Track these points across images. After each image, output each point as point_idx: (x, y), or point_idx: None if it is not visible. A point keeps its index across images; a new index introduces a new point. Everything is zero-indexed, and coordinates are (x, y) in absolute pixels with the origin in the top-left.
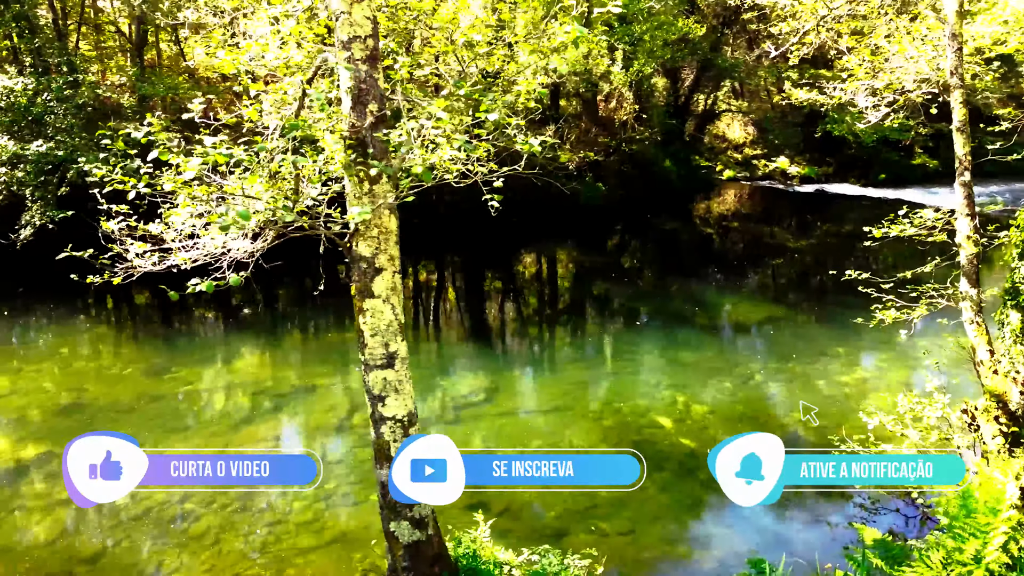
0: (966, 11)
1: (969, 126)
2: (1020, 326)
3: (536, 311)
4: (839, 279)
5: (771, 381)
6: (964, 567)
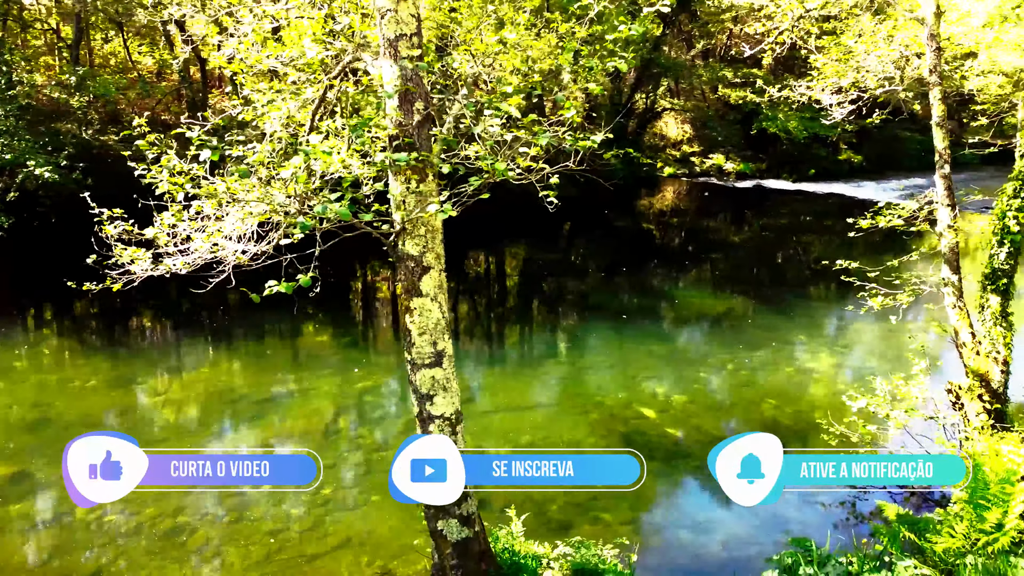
0: (941, 12)
1: (947, 121)
2: (999, 309)
3: (500, 310)
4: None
5: (743, 369)
6: (988, 535)
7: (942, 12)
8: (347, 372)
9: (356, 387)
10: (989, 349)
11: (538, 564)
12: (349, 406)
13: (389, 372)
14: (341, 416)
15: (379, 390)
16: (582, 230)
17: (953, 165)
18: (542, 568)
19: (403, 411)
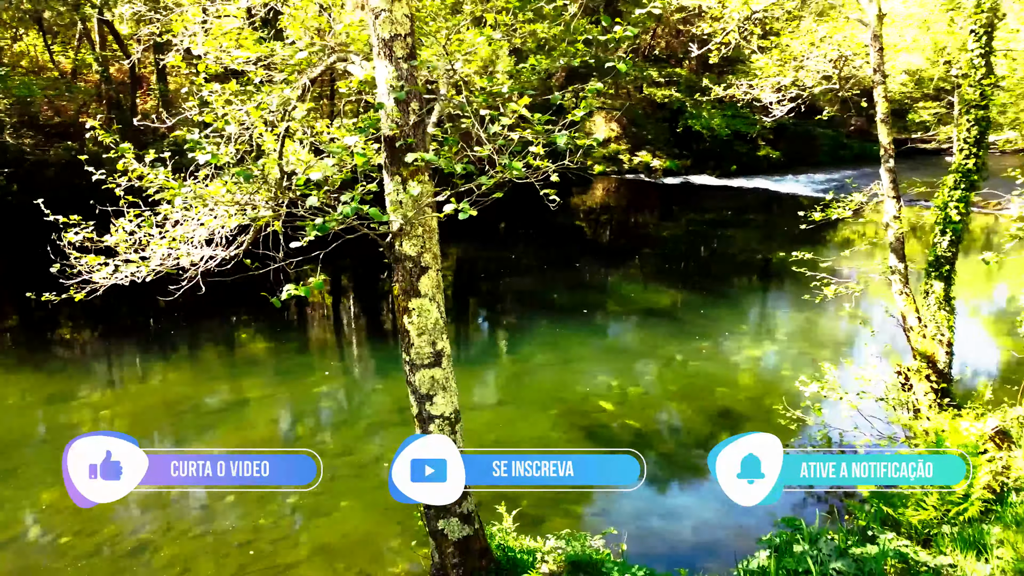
0: (883, 15)
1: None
2: (943, 294)
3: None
4: (722, 261)
5: (692, 360)
6: (958, 505)
7: (884, 15)
8: (301, 378)
9: (313, 392)
10: (934, 332)
11: (533, 558)
12: (307, 412)
13: (344, 376)
14: (299, 422)
15: (336, 395)
16: (517, 229)
17: (862, 160)
18: (537, 562)
19: (363, 415)
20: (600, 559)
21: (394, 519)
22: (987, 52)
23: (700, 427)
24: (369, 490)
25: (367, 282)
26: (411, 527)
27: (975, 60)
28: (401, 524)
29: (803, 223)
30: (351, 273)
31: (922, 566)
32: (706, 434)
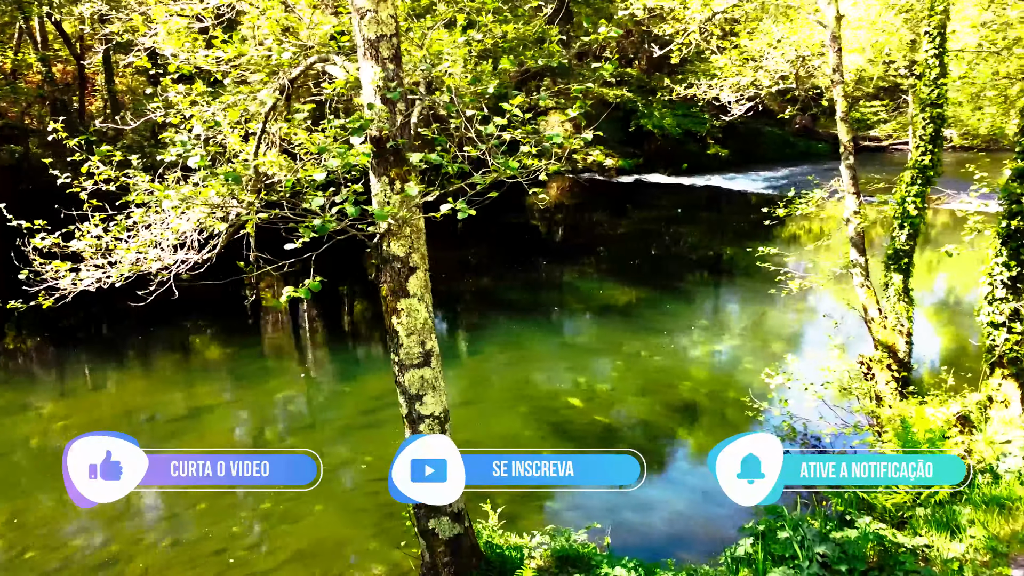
0: (841, 16)
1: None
2: (902, 286)
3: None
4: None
5: (655, 355)
6: (928, 488)
7: (842, 16)
8: (262, 383)
9: (276, 397)
10: (894, 323)
11: (520, 555)
12: (272, 417)
13: (308, 380)
14: (265, 428)
15: (300, 399)
16: (475, 229)
17: (807, 158)
18: (525, 559)
19: (330, 418)
20: (587, 553)
21: (370, 522)
22: (941, 52)
23: (668, 421)
24: (342, 493)
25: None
26: (387, 529)
27: (930, 60)
28: (377, 526)
29: (767, 219)
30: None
31: (900, 548)
32: (674, 428)
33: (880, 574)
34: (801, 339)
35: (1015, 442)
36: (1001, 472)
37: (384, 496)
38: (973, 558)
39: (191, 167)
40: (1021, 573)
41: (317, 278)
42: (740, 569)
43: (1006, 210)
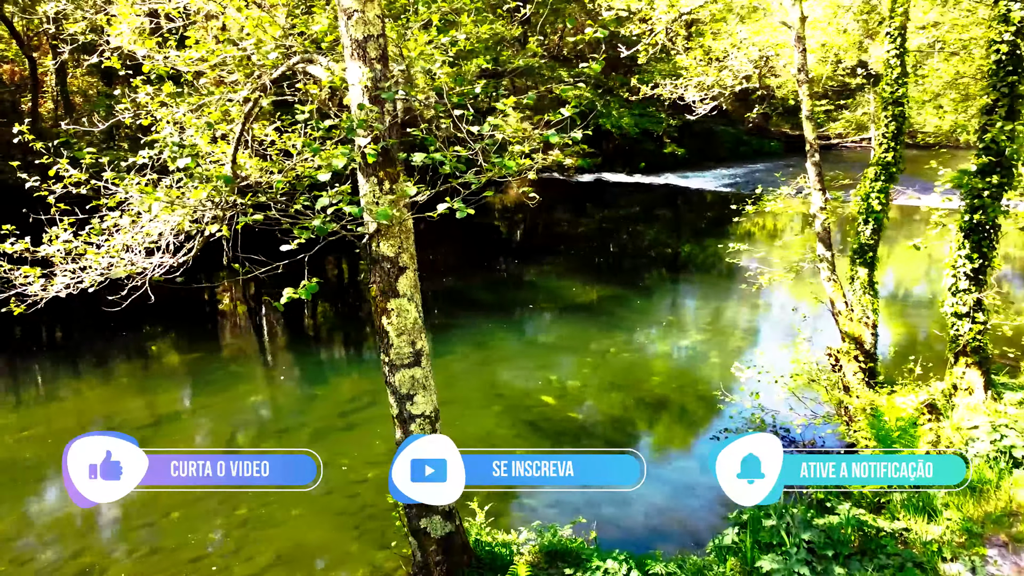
0: (805, 17)
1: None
2: (867, 279)
3: (365, 314)
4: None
5: (624, 352)
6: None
7: (806, 18)
8: (232, 387)
9: (248, 401)
10: (860, 315)
11: (509, 551)
12: (245, 422)
13: (279, 384)
14: (239, 433)
15: (273, 403)
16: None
17: (760, 156)
18: (515, 555)
19: (305, 422)
20: (575, 548)
21: (350, 524)
22: (901, 53)
23: (641, 416)
24: (321, 496)
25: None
26: (368, 531)
27: (891, 60)
28: (358, 529)
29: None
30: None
31: (880, 532)
32: (647, 423)
33: (863, 558)
34: (765, 333)
35: (981, 427)
36: (970, 457)
37: (363, 498)
38: (950, 540)
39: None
40: (996, 552)
41: (313, 279)
42: (728, 558)
43: (968, 204)
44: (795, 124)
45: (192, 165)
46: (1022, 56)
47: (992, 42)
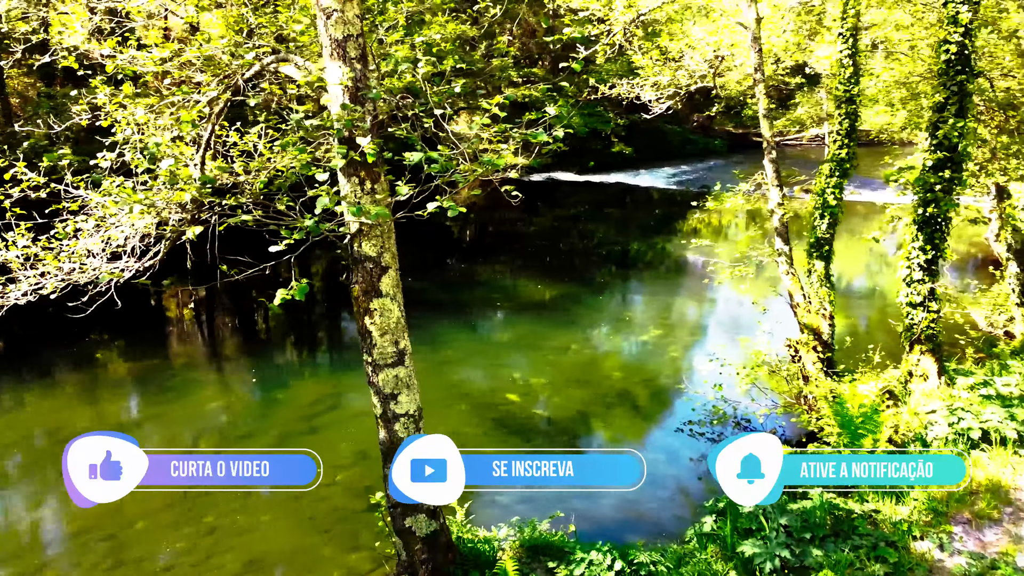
0: (761, 19)
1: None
2: (823, 272)
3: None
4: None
5: (584, 348)
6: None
7: (761, 18)
8: (191, 394)
9: (208, 407)
10: (818, 307)
11: (491, 548)
12: (208, 428)
13: (239, 389)
14: (201, 439)
15: (234, 408)
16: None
17: (706, 154)
18: (497, 551)
19: (269, 426)
20: (556, 542)
21: (320, 528)
22: (853, 53)
23: (606, 411)
24: (289, 501)
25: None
26: (340, 534)
27: (844, 60)
28: (329, 532)
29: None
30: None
31: (852, 514)
32: (614, 417)
33: (838, 539)
34: (722, 327)
35: (939, 412)
36: (929, 439)
37: (332, 501)
38: (917, 519)
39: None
40: (960, 529)
41: (304, 280)
42: (708, 545)
43: (921, 199)
44: (738, 123)
45: (174, 167)
46: (969, 56)
47: (942, 42)
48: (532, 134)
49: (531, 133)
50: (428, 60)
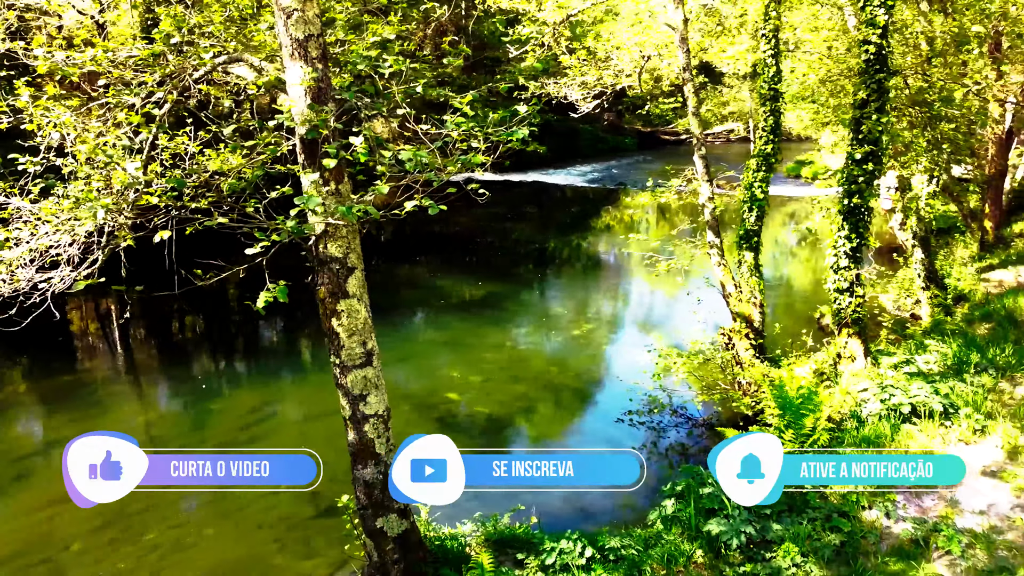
0: (688, 19)
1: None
2: (753, 262)
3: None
4: (517, 252)
5: (519, 345)
6: (810, 437)
7: (688, 19)
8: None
9: (137, 421)
10: (748, 296)
11: (458, 544)
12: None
13: (168, 401)
14: None
15: (165, 421)
16: None
17: (617, 152)
18: (465, 547)
19: (206, 437)
20: (521, 534)
21: (269, 537)
22: (776, 53)
23: (545, 404)
24: (234, 512)
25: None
26: (290, 543)
27: (767, 60)
28: (279, 542)
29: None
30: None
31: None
32: (555, 410)
33: (793, 514)
34: (646, 318)
35: (870, 390)
36: (864, 416)
37: (279, 509)
38: (864, 490)
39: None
40: (902, 497)
41: (281, 282)
42: (673, 527)
43: (845, 190)
44: (647, 121)
45: (139, 172)
46: (887, 56)
47: (862, 43)
48: (510, 133)
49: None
50: (396, 59)
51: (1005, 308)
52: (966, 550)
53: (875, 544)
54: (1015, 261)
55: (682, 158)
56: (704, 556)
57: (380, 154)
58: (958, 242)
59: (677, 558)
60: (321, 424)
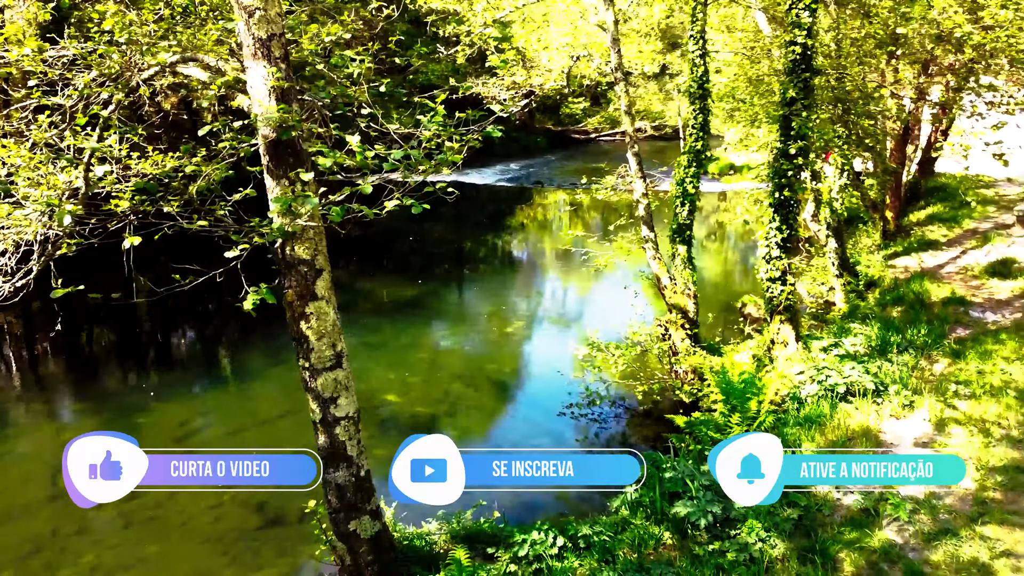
0: (618, 20)
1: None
2: (686, 255)
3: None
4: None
5: (457, 344)
6: (755, 420)
7: (618, 21)
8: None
9: (62, 439)
10: (683, 288)
11: (426, 543)
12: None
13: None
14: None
15: None
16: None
17: (529, 151)
18: (431, 545)
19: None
20: (488, 529)
21: (217, 550)
22: (703, 54)
23: (484, 402)
24: (176, 528)
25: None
26: (239, 553)
27: (695, 60)
28: (226, 553)
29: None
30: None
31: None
32: (497, 407)
33: None
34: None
35: (805, 372)
36: (803, 397)
37: (226, 521)
38: None
39: None
40: None
41: (263, 285)
42: (638, 511)
43: (775, 184)
44: (557, 120)
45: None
46: (812, 56)
47: (789, 43)
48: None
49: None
50: (366, 57)
51: (913, 292)
52: (912, 515)
53: (829, 516)
54: (916, 248)
55: (592, 156)
56: (672, 538)
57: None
58: (862, 232)
59: (647, 541)
60: (259, 432)
